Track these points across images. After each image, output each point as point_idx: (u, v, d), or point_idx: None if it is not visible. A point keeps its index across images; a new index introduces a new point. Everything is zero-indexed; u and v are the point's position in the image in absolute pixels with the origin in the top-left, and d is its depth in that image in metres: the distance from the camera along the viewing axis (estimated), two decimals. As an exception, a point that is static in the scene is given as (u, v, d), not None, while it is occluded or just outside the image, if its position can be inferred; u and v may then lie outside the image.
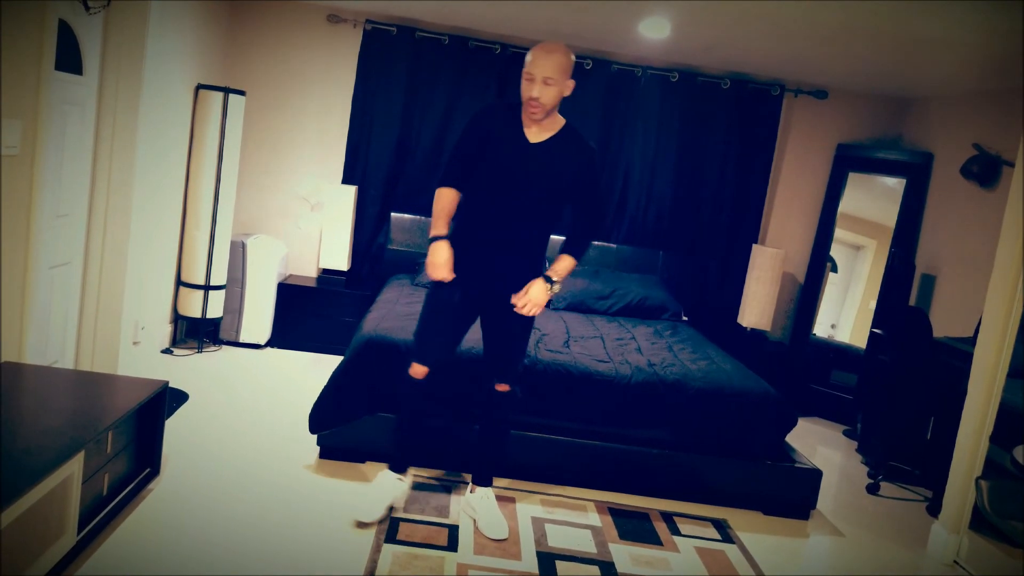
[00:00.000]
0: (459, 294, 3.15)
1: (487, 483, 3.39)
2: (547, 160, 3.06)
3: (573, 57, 3.03)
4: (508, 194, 3.09)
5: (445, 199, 3.16)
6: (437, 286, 3.17)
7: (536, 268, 3.18)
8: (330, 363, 5.19)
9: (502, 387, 3.26)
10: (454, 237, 3.18)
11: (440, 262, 3.09)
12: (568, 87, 3.02)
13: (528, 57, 2.98)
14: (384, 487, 3.27)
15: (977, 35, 3.75)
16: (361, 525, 3.15)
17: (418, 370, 3.23)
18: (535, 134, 3.08)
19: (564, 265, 3.13)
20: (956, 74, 4.80)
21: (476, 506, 3.32)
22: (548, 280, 3.08)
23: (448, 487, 3.61)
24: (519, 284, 3.11)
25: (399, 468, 3.36)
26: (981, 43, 3.90)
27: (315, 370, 5.09)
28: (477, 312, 3.26)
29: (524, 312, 3.07)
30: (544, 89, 2.95)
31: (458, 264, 3.13)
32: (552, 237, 3.34)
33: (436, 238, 3.13)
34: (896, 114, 5.96)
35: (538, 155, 3.06)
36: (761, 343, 5.73)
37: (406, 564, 2.91)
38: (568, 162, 3.08)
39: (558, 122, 3.11)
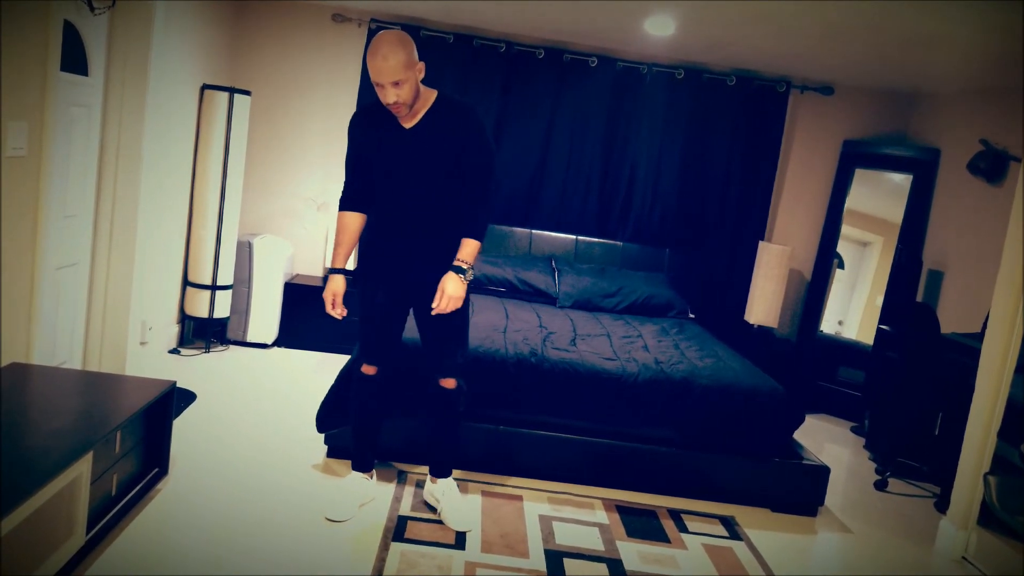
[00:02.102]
0: (381, 295, 3.15)
1: (446, 474, 3.37)
2: (428, 140, 3.00)
3: (409, 45, 2.87)
4: (402, 187, 3.05)
5: (346, 226, 3.17)
6: (361, 289, 3.18)
7: (453, 254, 3.09)
8: (337, 362, 5.20)
9: (446, 382, 3.22)
10: (366, 241, 3.19)
11: (330, 298, 3.15)
12: (420, 71, 2.91)
13: (369, 67, 2.86)
14: (356, 485, 3.31)
15: (983, 31, 3.74)
16: (331, 522, 3.16)
17: (368, 369, 3.26)
18: (409, 119, 3.02)
19: (469, 249, 3.04)
20: (962, 70, 4.78)
21: (439, 498, 3.32)
22: (458, 270, 3.02)
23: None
24: (440, 273, 3.06)
25: (363, 467, 3.37)
26: (987, 39, 3.88)
27: (322, 370, 5.09)
28: (407, 307, 3.23)
29: (448, 311, 3.02)
30: (398, 91, 2.86)
31: (375, 265, 3.15)
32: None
33: (333, 270, 3.17)
34: (903, 110, 5.94)
35: (417, 138, 3.00)
36: (768, 340, 5.72)
37: (414, 563, 2.92)
38: (449, 133, 3.00)
39: (429, 98, 3.02)
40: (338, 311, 3.16)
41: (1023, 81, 4.63)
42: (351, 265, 5.01)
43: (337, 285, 3.16)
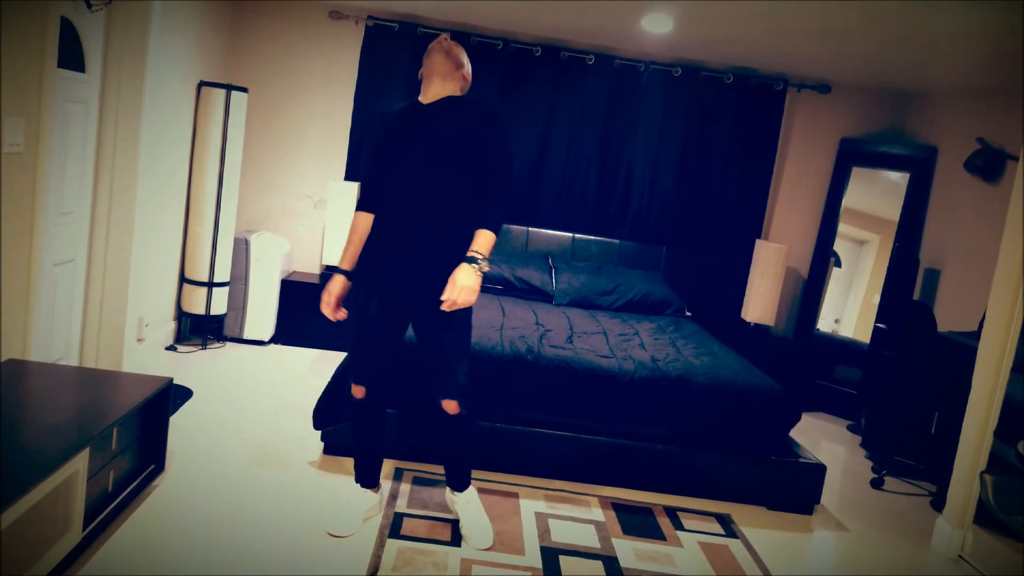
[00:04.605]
0: (375, 304, 2.92)
1: (463, 488, 3.18)
2: (444, 119, 2.84)
3: (459, 54, 2.96)
4: (411, 172, 2.84)
5: (358, 226, 2.98)
6: (354, 298, 2.97)
7: (458, 259, 2.81)
8: (334, 359, 5.20)
9: (449, 405, 2.95)
10: (367, 240, 2.98)
11: (326, 298, 2.98)
12: (466, 76, 2.98)
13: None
14: (360, 499, 3.17)
15: (981, 30, 3.74)
16: (334, 537, 3.02)
17: (356, 390, 3.05)
18: (429, 98, 2.91)
19: (483, 240, 2.79)
20: (960, 69, 4.78)
21: (459, 511, 3.17)
22: (471, 261, 2.75)
23: (452, 483, 3.62)
24: (442, 283, 2.79)
25: (368, 484, 3.21)
26: (985, 38, 3.88)
27: (319, 367, 5.09)
28: (407, 319, 3.00)
29: (459, 304, 2.73)
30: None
31: (372, 270, 2.94)
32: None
33: (336, 270, 3.01)
34: (900, 108, 5.95)
35: (433, 115, 2.85)
36: (765, 338, 5.73)
37: (410, 559, 2.92)
38: (468, 119, 2.85)
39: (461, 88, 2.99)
40: (340, 314, 2.97)
41: (1021, 80, 4.63)
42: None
43: (334, 285, 2.97)
